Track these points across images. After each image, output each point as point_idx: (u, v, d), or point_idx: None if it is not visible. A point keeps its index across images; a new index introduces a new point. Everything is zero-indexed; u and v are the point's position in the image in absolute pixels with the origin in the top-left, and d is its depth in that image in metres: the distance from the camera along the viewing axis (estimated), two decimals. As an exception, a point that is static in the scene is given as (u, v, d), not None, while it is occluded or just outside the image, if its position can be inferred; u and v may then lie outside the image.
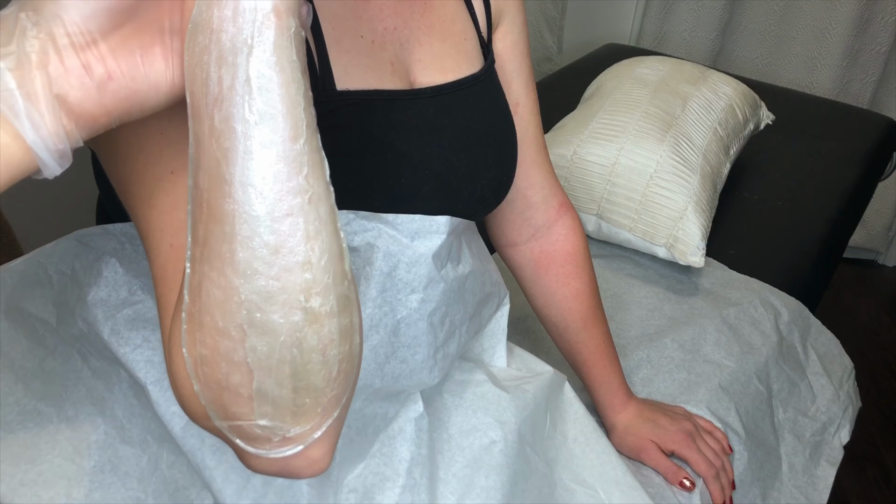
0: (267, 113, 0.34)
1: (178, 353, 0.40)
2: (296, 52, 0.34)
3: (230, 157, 0.34)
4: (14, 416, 0.64)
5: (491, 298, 0.74)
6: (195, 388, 0.40)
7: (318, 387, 0.40)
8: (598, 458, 0.74)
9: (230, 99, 0.34)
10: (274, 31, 0.33)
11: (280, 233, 0.35)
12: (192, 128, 0.36)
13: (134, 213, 0.48)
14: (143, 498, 0.62)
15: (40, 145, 0.33)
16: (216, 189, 0.35)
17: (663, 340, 1.03)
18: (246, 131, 0.34)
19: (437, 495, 0.64)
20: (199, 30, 0.34)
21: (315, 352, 0.38)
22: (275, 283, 0.36)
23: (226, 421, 0.40)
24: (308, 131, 0.36)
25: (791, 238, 1.32)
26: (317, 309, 0.37)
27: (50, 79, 0.33)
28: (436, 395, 0.70)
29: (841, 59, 2.09)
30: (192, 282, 0.38)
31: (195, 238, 0.37)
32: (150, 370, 0.60)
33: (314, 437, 0.41)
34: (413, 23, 0.65)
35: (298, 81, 0.35)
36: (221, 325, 0.37)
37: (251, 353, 0.37)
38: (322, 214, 0.37)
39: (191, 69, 0.35)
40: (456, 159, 0.66)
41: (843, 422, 1.04)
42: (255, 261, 0.36)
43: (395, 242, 0.60)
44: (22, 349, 0.65)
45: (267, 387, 0.38)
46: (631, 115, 1.22)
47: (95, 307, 0.61)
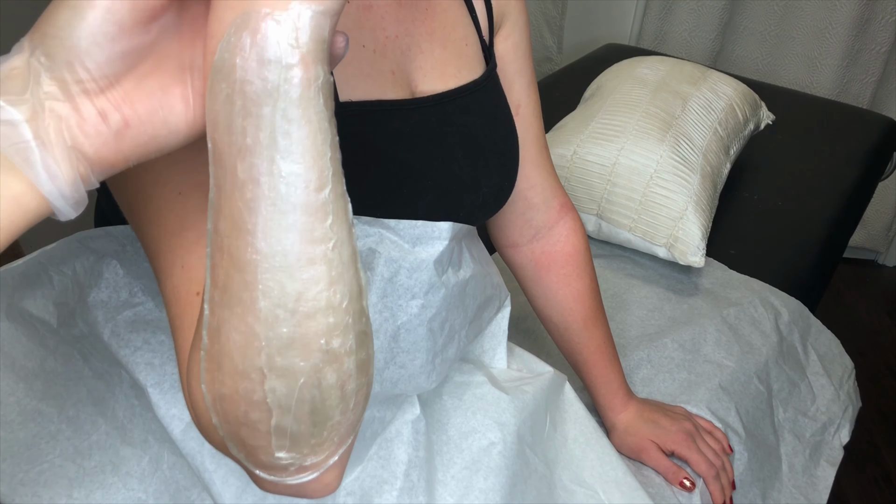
0: (292, 165, 0.33)
1: (197, 386, 0.40)
2: (323, 101, 0.33)
3: (253, 208, 0.33)
4: (15, 416, 0.64)
5: (491, 301, 0.74)
6: (213, 420, 0.39)
7: (336, 419, 0.39)
8: (599, 459, 0.74)
9: (254, 151, 0.32)
10: (300, 83, 0.32)
11: (303, 281, 0.35)
12: (212, 173, 0.35)
13: (141, 233, 0.47)
14: (144, 498, 0.62)
15: (56, 195, 0.32)
16: (238, 238, 0.34)
17: (663, 340, 1.03)
18: (270, 183, 0.33)
19: (436, 497, 0.64)
20: (222, 77, 0.32)
21: (334, 388, 0.38)
22: (296, 329, 0.35)
23: (243, 452, 0.40)
24: (334, 179, 0.34)
25: (791, 238, 1.32)
26: (337, 349, 0.37)
27: (65, 128, 0.32)
28: (435, 397, 0.70)
29: (841, 59, 2.09)
30: (212, 324, 0.37)
31: (214, 282, 0.36)
32: (150, 373, 0.60)
33: (329, 464, 0.41)
34: (414, 29, 0.65)
35: (325, 131, 0.33)
36: (241, 368, 0.36)
37: (270, 394, 0.37)
38: (345, 258, 0.36)
39: (213, 115, 0.33)
40: (458, 168, 0.66)
41: (843, 422, 1.04)
42: (276, 309, 0.35)
43: (397, 248, 0.60)
44: (23, 349, 0.65)
45: (286, 423, 0.38)
46: (631, 115, 1.22)
47: (96, 309, 0.61)
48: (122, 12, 0.32)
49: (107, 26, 0.32)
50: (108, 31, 0.32)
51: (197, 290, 0.44)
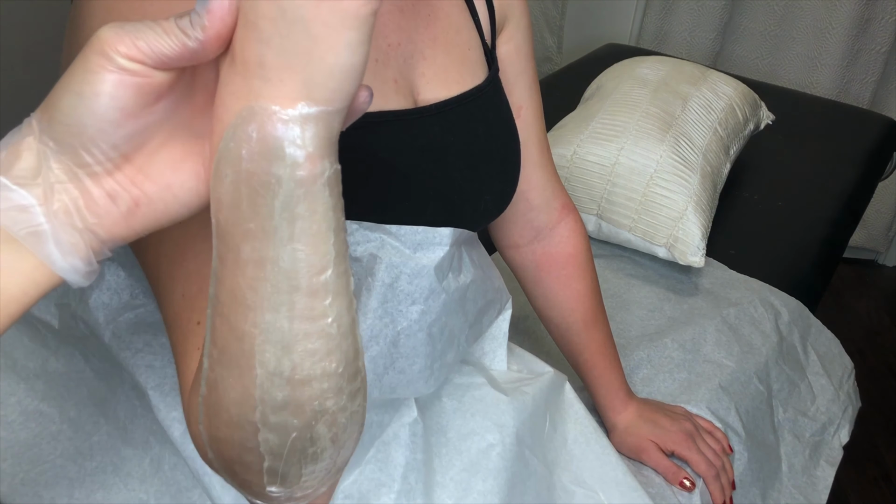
0: (295, 253, 0.33)
1: (195, 424, 0.41)
2: (329, 192, 0.33)
3: (254, 287, 0.34)
4: (16, 417, 0.64)
5: (492, 305, 0.74)
6: (209, 455, 0.41)
7: (326, 463, 0.40)
8: (598, 459, 0.74)
9: (258, 237, 0.33)
10: (306, 180, 0.32)
11: (299, 353, 0.35)
12: (216, 246, 0.35)
13: (141, 259, 0.48)
14: (146, 499, 0.62)
15: (69, 270, 0.33)
16: (237, 311, 0.35)
17: (663, 340, 1.03)
18: (273, 268, 0.33)
19: (434, 499, 0.64)
20: (228, 164, 0.32)
21: (325, 440, 0.39)
22: (291, 394, 0.36)
23: (237, 483, 0.41)
24: (336, 260, 0.34)
25: (791, 238, 1.32)
26: (330, 408, 0.37)
27: (75, 210, 0.33)
28: (434, 399, 0.70)
29: (841, 59, 2.09)
30: (210, 378, 0.38)
31: (214, 341, 0.37)
32: (151, 375, 0.61)
33: (319, 492, 0.42)
34: (417, 36, 0.64)
35: (330, 220, 0.33)
36: (236, 420, 0.37)
37: (264, 444, 0.37)
38: (343, 329, 0.36)
39: (217, 196, 0.33)
40: (460, 177, 0.66)
41: (843, 422, 1.04)
42: (273, 376, 0.35)
43: (398, 254, 0.60)
44: (24, 350, 0.65)
45: (278, 467, 0.39)
46: (631, 115, 1.23)
47: (97, 310, 0.61)
48: (125, 98, 0.32)
49: (111, 113, 0.32)
50: (112, 118, 0.32)
51: (198, 319, 0.45)
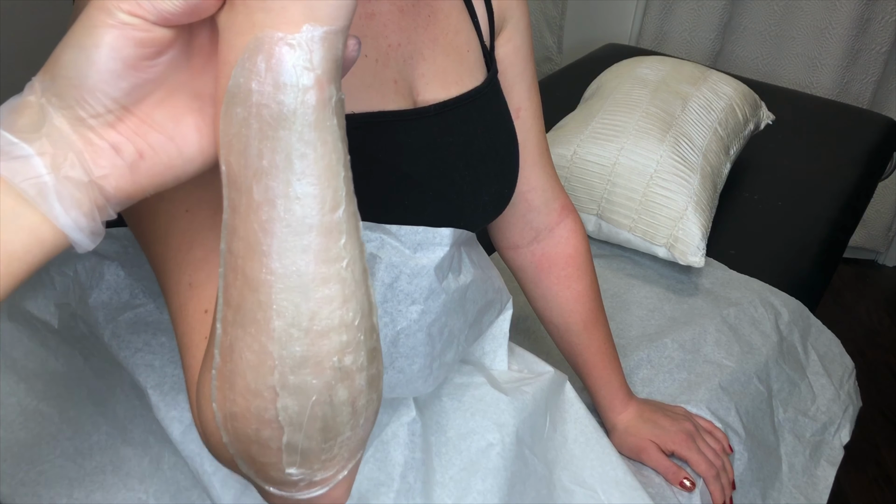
0: (308, 187, 0.33)
1: (208, 405, 0.40)
2: (337, 120, 0.33)
3: (268, 230, 0.34)
4: (16, 417, 0.64)
5: (492, 305, 0.74)
6: (224, 439, 0.40)
7: (346, 436, 0.40)
8: (599, 459, 0.74)
9: (271, 173, 0.33)
10: (315, 105, 0.32)
11: (317, 300, 0.35)
12: (226, 195, 0.35)
13: (148, 250, 0.47)
14: (145, 499, 0.62)
15: (72, 227, 0.33)
16: (252, 259, 0.34)
17: (663, 340, 1.03)
18: (286, 205, 0.33)
19: (433, 499, 0.64)
20: (238, 101, 0.32)
21: (345, 405, 0.38)
22: (310, 347, 0.36)
23: (253, 469, 0.40)
24: (346, 199, 0.35)
25: (791, 238, 1.32)
26: (349, 366, 0.37)
27: (80, 162, 0.33)
28: (434, 399, 0.70)
29: (841, 59, 2.09)
30: (224, 343, 0.37)
31: (227, 301, 0.36)
32: (150, 374, 0.60)
33: (339, 479, 0.41)
34: (417, 37, 0.65)
35: (339, 150, 0.34)
36: (254, 387, 0.37)
37: (283, 412, 0.37)
38: (357, 276, 0.36)
39: (227, 139, 0.34)
40: (459, 177, 0.66)
41: (844, 422, 1.04)
42: (291, 328, 0.35)
43: (398, 254, 0.60)
44: (24, 350, 0.65)
45: (297, 440, 0.38)
46: (631, 115, 1.23)
47: (97, 310, 0.61)
48: (126, 49, 0.32)
49: (112, 64, 0.32)
50: (114, 69, 0.32)
51: (205, 307, 0.44)
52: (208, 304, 0.44)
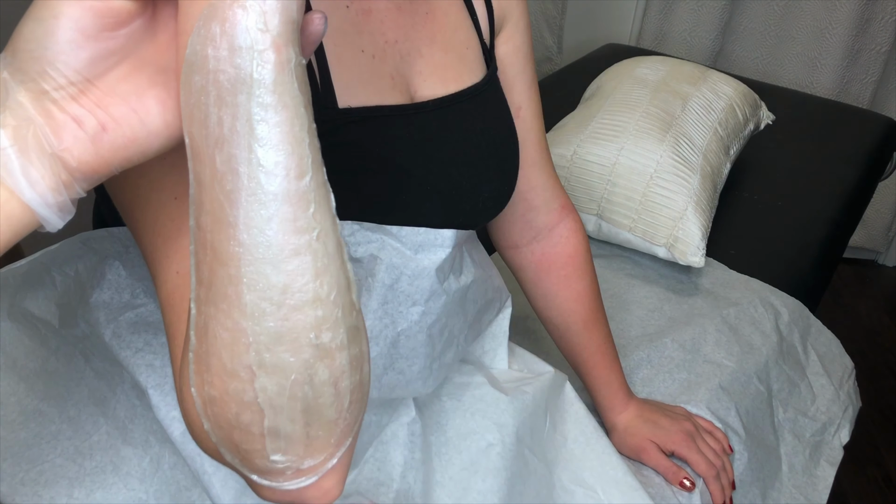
0: (270, 154, 0.32)
1: (188, 391, 0.39)
2: (298, 85, 0.33)
3: (233, 200, 0.33)
4: (16, 416, 0.64)
5: (492, 304, 0.74)
6: (205, 426, 0.39)
7: (331, 419, 0.39)
8: (598, 459, 0.74)
9: (231, 141, 0.32)
10: (273, 67, 0.32)
11: (288, 273, 0.34)
12: (191, 168, 0.34)
13: (139, 239, 0.47)
14: (145, 498, 0.62)
15: (39, 202, 0.32)
16: (220, 231, 0.34)
17: (663, 340, 1.03)
18: (249, 173, 0.33)
19: (433, 499, 0.64)
20: (195, 70, 0.32)
21: (327, 385, 0.37)
22: (284, 323, 0.35)
23: (238, 457, 0.39)
24: (314, 167, 0.34)
25: (791, 238, 1.32)
26: (327, 344, 0.36)
27: (42, 135, 0.32)
28: (434, 399, 0.70)
29: (841, 59, 2.09)
30: (198, 323, 0.37)
31: (199, 279, 0.36)
32: (151, 374, 0.60)
33: (328, 468, 0.41)
34: (414, 34, 0.65)
35: (302, 116, 0.33)
36: (230, 367, 0.36)
37: (261, 393, 0.36)
38: (330, 249, 0.36)
39: (188, 109, 0.33)
40: (458, 174, 0.66)
41: (843, 422, 1.04)
42: (262, 302, 0.34)
43: (399, 255, 0.60)
44: (25, 350, 0.65)
45: (278, 424, 0.37)
46: (631, 115, 1.23)
47: (98, 310, 0.61)
48: (85, 20, 0.32)
49: (71, 34, 0.32)
50: (73, 39, 0.32)
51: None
52: None
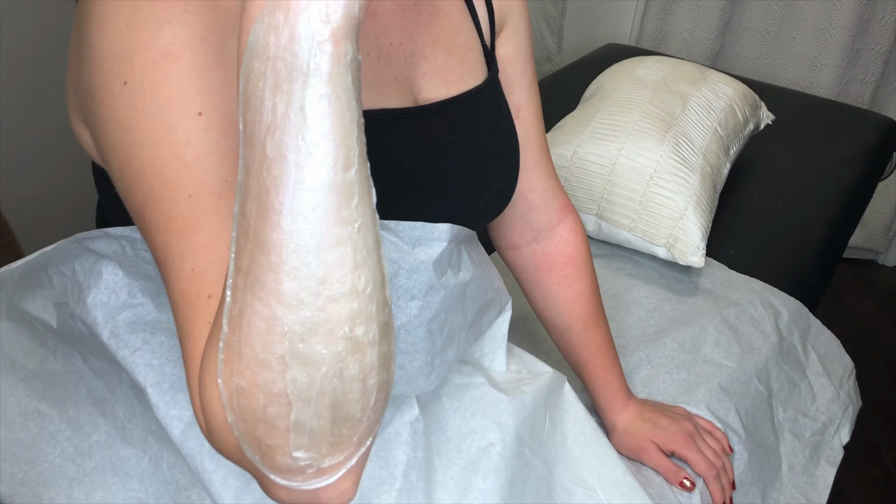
0: (320, 142, 0.33)
1: (212, 383, 0.39)
2: (351, 79, 0.34)
3: (280, 187, 0.34)
4: (15, 417, 0.64)
5: (492, 305, 0.74)
6: (229, 419, 0.38)
7: (356, 416, 0.39)
8: (598, 459, 0.74)
9: (283, 127, 0.33)
10: (330, 58, 0.32)
11: (328, 263, 0.35)
12: (242, 154, 0.35)
13: (151, 239, 0.47)
14: (144, 498, 0.62)
15: None
16: (264, 218, 0.34)
17: (663, 340, 1.03)
18: (298, 161, 0.33)
19: (435, 498, 0.64)
20: (256, 55, 0.33)
21: (356, 381, 0.37)
22: (320, 313, 0.35)
23: (259, 453, 0.39)
24: (359, 160, 0.35)
25: (791, 238, 1.32)
26: (360, 338, 0.37)
27: None
28: (434, 399, 0.70)
29: (841, 59, 2.09)
30: (233, 311, 0.37)
31: (238, 266, 0.36)
32: (150, 373, 0.60)
33: (347, 468, 0.40)
34: (418, 36, 0.65)
35: (353, 109, 0.34)
36: (262, 357, 0.36)
37: (291, 385, 0.36)
38: (369, 243, 0.36)
39: (245, 95, 0.34)
40: (461, 176, 0.67)
41: (844, 422, 1.04)
42: (301, 291, 0.35)
43: (396, 249, 0.60)
44: (23, 350, 0.65)
45: (305, 418, 0.37)
46: (631, 115, 1.23)
47: (95, 309, 0.61)
48: None
49: None
50: None
51: (209, 292, 0.44)
52: (211, 289, 0.44)
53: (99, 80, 0.47)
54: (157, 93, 0.45)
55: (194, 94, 0.46)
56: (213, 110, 0.46)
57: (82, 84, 0.49)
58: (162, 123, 0.45)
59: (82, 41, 0.49)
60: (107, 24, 0.46)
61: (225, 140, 0.46)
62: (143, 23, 0.46)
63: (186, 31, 0.46)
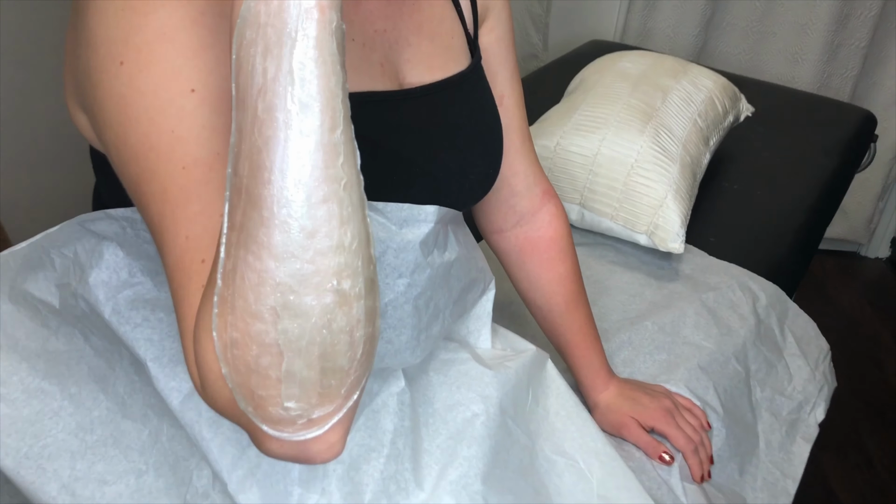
0: (307, 103, 0.35)
1: (207, 337, 0.41)
2: (336, 45, 0.36)
3: (271, 145, 0.36)
4: (19, 395, 0.66)
5: (476, 284, 0.77)
6: (223, 370, 0.41)
7: (344, 368, 0.41)
8: (579, 431, 0.77)
9: (273, 89, 0.35)
10: (316, 25, 0.35)
11: (316, 218, 0.37)
12: (235, 118, 0.38)
13: (146, 210, 0.50)
14: (145, 469, 0.65)
15: None
16: (256, 176, 0.37)
17: (644, 323, 1.06)
18: (287, 120, 0.35)
19: (422, 464, 0.66)
20: (248, 24, 0.35)
21: (343, 333, 0.40)
22: (309, 266, 0.37)
23: (252, 404, 0.41)
24: (344, 122, 0.37)
25: (769, 225, 1.35)
26: (347, 291, 0.39)
27: None
28: (421, 374, 0.73)
29: (821, 55, 2.13)
30: (227, 266, 0.39)
31: (231, 224, 0.38)
32: (150, 348, 0.63)
33: (335, 420, 0.43)
34: (402, 24, 0.68)
35: (338, 74, 0.36)
36: (254, 309, 0.38)
37: (282, 336, 0.38)
38: (354, 201, 0.38)
39: (238, 61, 0.36)
40: (446, 156, 0.69)
41: (819, 401, 1.07)
42: (291, 244, 0.37)
43: (384, 229, 0.62)
44: (26, 330, 0.67)
45: (296, 368, 0.39)
46: (612, 108, 1.26)
47: (97, 288, 0.64)
48: None
49: None
50: None
51: (202, 257, 0.46)
52: (204, 254, 0.46)
53: (97, 62, 0.50)
54: (151, 71, 0.48)
55: (187, 72, 0.48)
56: (205, 88, 0.48)
57: (81, 68, 0.52)
58: (156, 100, 0.48)
59: (80, 28, 0.51)
60: (103, 10, 0.49)
61: (217, 115, 0.48)
62: (137, 7, 0.48)
63: (179, 14, 0.49)
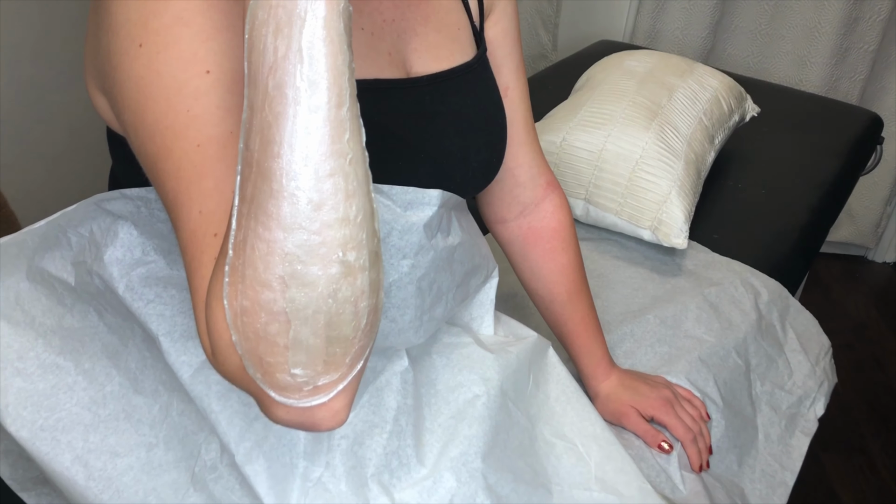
0: (315, 80, 0.37)
1: (218, 305, 0.43)
2: (343, 26, 0.38)
3: (280, 121, 0.38)
4: (35, 369, 0.68)
5: (479, 269, 0.79)
6: (233, 337, 0.43)
7: (349, 337, 0.43)
8: (578, 416, 0.79)
9: (283, 67, 0.37)
10: (325, 6, 0.36)
11: (323, 191, 0.39)
12: (247, 95, 0.40)
13: (162, 187, 0.52)
14: (155, 443, 0.67)
15: None
16: (266, 150, 0.38)
17: (646, 316, 1.07)
18: (296, 97, 0.37)
19: (423, 441, 0.68)
20: (260, 5, 0.37)
21: (348, 303, 0.42)
22: (316, 237, 0.39)
23: (260, 370, 0.43)
24: (350, 100, 0.39)
25: (773, 224, 1.36)
26: (352, 263, 0.41)
27: None
28: (424, 356, 0.75)
29: (830, 58, 2.13)
30: (238, 237, 0.41)
31: (242, 196, 0.40)
32: (162, 323, 0.65)
33: (340, 388, 0.45)
34: (410, 14, 0.70)
35: (345, 53, 0.38)
36: (264, 277, 0.40)
37: (290, 304, 0.40)
38: (360, 176, 0.40)
39: (251, 41, 0.38)
40: (450, 143, 0.71)
41: (819, 396, 1.09)
42: (298, 215, 0.39)
43: (389, 211, 0.64)
44: (42, 307, 0.69)
45: (303, 336, 0.41)
46: (618, 104, 1.27)
47: (112, 266, 0.66)
48: None
49: None
50: None
51: (215, 231, 0.49)
52: (217, 228, 0.49)
53: (117, 45, 0.52)
54: (169, 53, 0.50)
55: (203, 54, 0.51)
56: (219, 69, 0.51)
57: (101, 52, 0.54)
58: (173, 81, 0.50)
59: (102, 13, 0.54)
60: None
61: (230, 96, 0.51)
62: None
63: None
